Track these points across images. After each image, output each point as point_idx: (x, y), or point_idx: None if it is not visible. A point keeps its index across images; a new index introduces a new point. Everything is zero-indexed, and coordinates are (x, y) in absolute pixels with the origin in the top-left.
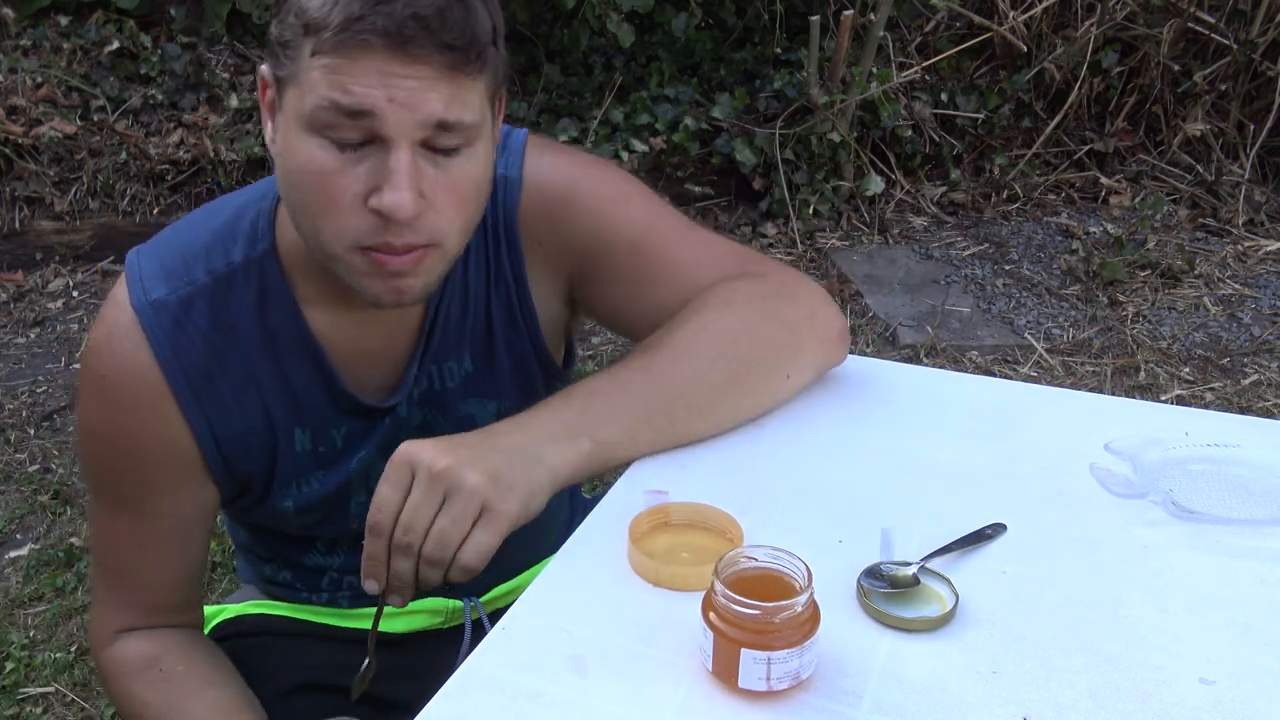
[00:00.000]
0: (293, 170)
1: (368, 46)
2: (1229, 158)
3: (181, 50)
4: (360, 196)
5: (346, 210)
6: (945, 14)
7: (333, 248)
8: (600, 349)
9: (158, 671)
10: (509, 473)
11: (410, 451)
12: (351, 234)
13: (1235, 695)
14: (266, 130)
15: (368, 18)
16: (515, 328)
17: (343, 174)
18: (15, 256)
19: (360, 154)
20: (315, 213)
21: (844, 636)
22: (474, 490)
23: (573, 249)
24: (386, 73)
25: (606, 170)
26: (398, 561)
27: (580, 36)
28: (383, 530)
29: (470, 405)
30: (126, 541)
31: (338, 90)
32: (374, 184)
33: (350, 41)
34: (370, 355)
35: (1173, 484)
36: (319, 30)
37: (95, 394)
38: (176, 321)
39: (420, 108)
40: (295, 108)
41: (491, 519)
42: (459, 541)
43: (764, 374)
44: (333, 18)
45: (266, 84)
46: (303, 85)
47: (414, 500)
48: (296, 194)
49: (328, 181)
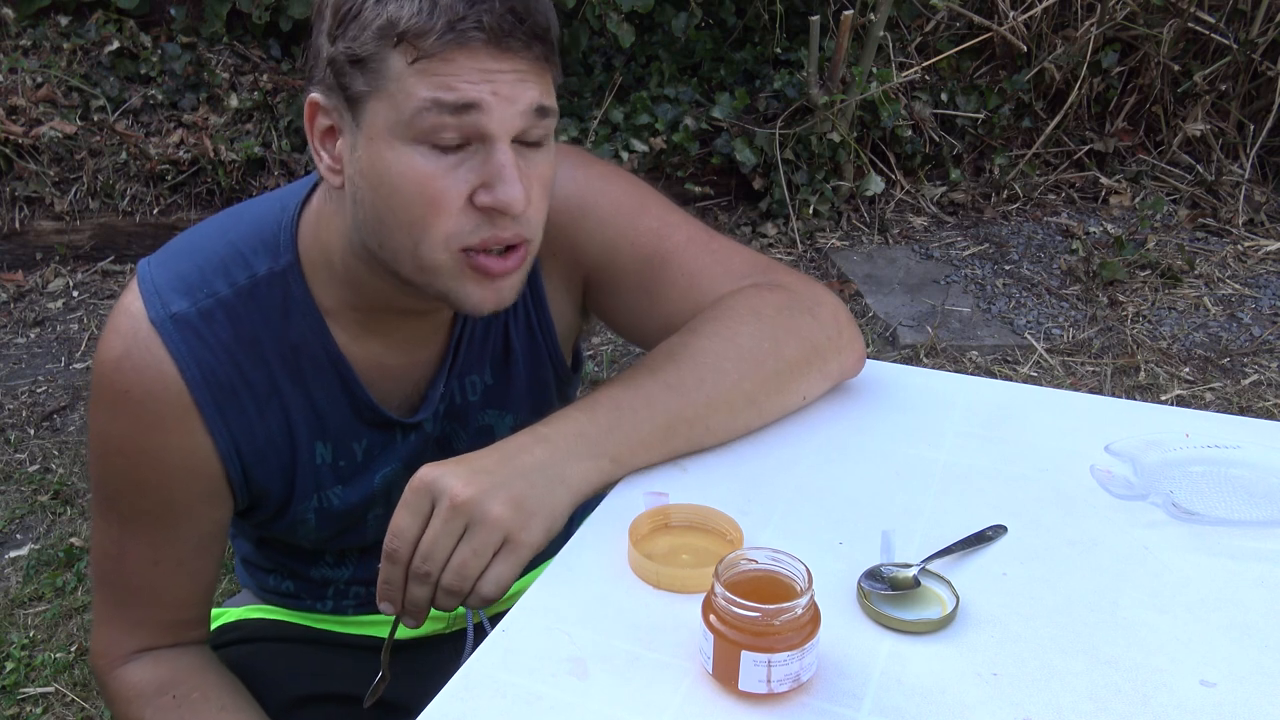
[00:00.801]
0: (387, 182)
1: (468, 46)
2: (1229, 158)
3: (181, 50)
4: (463, 197)
5: (450, 211)
6: (945, 14)
7: (434, 256)
8: (600, 349)
9: (170, 698)
10: (531, 500)
11: (431, 479)
12: (456, 236)
13: (1236, 697)
14: (320, 160)
15: (469, 16)
16: (533, 339)
17: (445, 177)
18: (15, 256)
19: (459, 157)
20: (416, 220)
21: (844, 639)
22: (496, 522)
23: (587, 261)
24: (488, 69)
25: (621, 180)
26: (414, 589)
27: (580, 36)
28: (400, 559)
29: (488, 416)
30: (141, 558)
31: (442, 89)
32: (479, 182)
33: (454, 42)
34: (395, 370)
35: (1173, 485)
36: (419, 36)
37: (116, 410)
38: (199, 335)
39: (520, 98)
40: (387, 119)
41: (513, 550)
42: (479, 573)
43: (782, 396)
44: (435, 22)
45: (320, 109)
46: (395, 95)
47: (434, 530)
48: (393, 205)
49: (431, 186)
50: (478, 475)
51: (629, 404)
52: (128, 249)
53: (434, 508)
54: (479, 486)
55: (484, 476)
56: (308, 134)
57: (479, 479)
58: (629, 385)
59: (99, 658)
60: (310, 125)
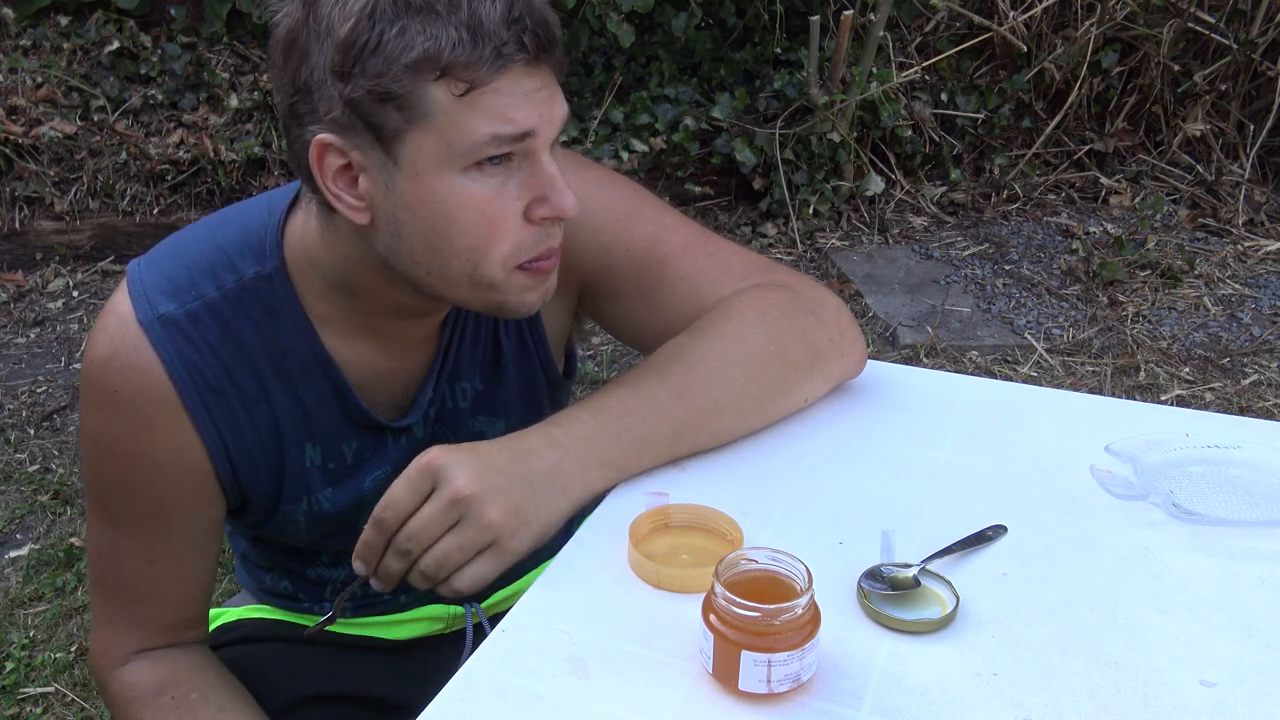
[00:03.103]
0: (444, 214)
1: (508, 70)
2: (1229, 158)
3: (181, 50)
4: (519, 215)
5: (510, 231)
6: (945, 14)
7: (494, 274)
8: (600, 349)
9: (169, 699)
10: (529, 508)
11: (440, 464)
12: (515, 253)
13: (1236, 697)
14: (339, 202)
15: (510, 40)
16: (524, 346)
17: (499, 200)
18: (15, 256)
19: (504, 173)
20: (475, 245)
21: (844, 639)
22: (489, 525)
23: (583, 267)
24: (528, 90)
25: (616, 184)
26: (392, 560)
27: (580, 36)
28: (386, 528)
29: (479, 423)
30: (137, 558)
31: (500, 122)
32: (531, 197)
33: (496, 67)
34: (385, 373)
35: (1173, 485)
36: (467, 69)
37: (105, 410)
38: (186, 336)
39: (556, 114)
40: (436, 153)
41: (497, 554)
42: (459, 565)
43: (786, 399)
44: (482, 52)
45: (331, 149)
46: (445, 130)
47: (426, 513)
48: (452, 235)
49: (491, 210)
50: (485, 472)
51: (638, 411)
52: (128, 249)
53: (434, 490)
54: (483, 484)
55: (491, 475)
56: (315, 175)
57: (485, 476)
58: (637, 390)
59: (97, 659)
60: (319, 166)
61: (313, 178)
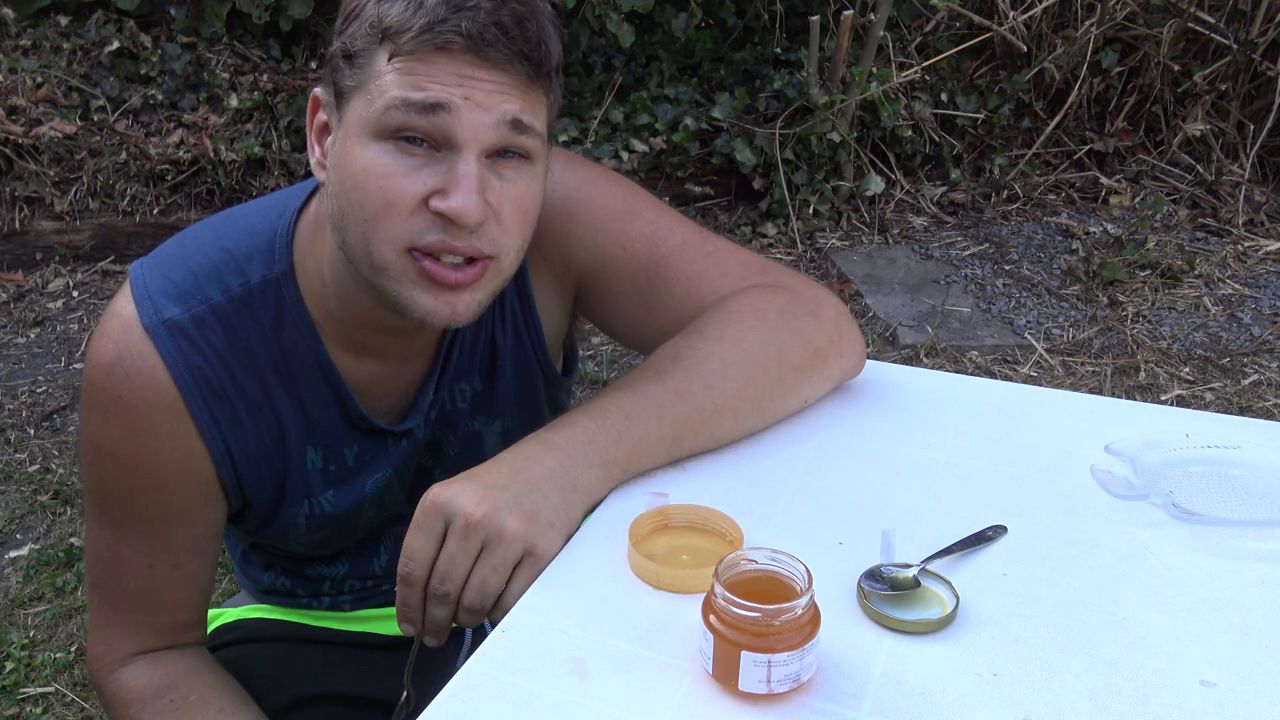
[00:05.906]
0: (349, 177)
1: (448, 49)
2: (1229, 158)
3: (181, 50)
4: (419, 198)
5: (403, 211)
6: (945, 14)
7: (383, 254)
8: (600, 349)
9: (168, 701)
10: (546, 511)
11: (443, 500)
12: (405, 235)
13: (1236, 697)
14: (313, 155)
15: (450, 20)
16: (522, 346)
17: (403, 177)
18: (15, 256)
19: (424, 160)
20: (369, 217)
21: (844, 639)
22: (514, 537)
23: (579, 266)
24: (464, 75)
25: (613, 183)
26: (435, 609)
27: (580, 36)
28: (415, 581)
29: (476, 423)
30: (137, 561)
31: (411, 88)
32: (437, 188)
33: (431, 43)
34: (385, 378)
35: (1173, 486)
36: (399, 34)
37: (109, 415)
38: (191, 341)
39: (495, 107)
40: (360, 115)
41: (532, 562)
42: (501, 589)
43: (786, 399)
44: (415, 21)
45: (320, 105)
46: (372, 91)
47: (449, 550)
48: (351, 201)
49: (387, 184)
50: (490, 491)
51: (638, 413)
52: (128, 249)
53: (447, 528)
54: (492, 503)
55: (496, 492)
56: (307, 130)
57: (491, 495)
58: (636, 392)
59: (96, 661)
60: (310, 120)
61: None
